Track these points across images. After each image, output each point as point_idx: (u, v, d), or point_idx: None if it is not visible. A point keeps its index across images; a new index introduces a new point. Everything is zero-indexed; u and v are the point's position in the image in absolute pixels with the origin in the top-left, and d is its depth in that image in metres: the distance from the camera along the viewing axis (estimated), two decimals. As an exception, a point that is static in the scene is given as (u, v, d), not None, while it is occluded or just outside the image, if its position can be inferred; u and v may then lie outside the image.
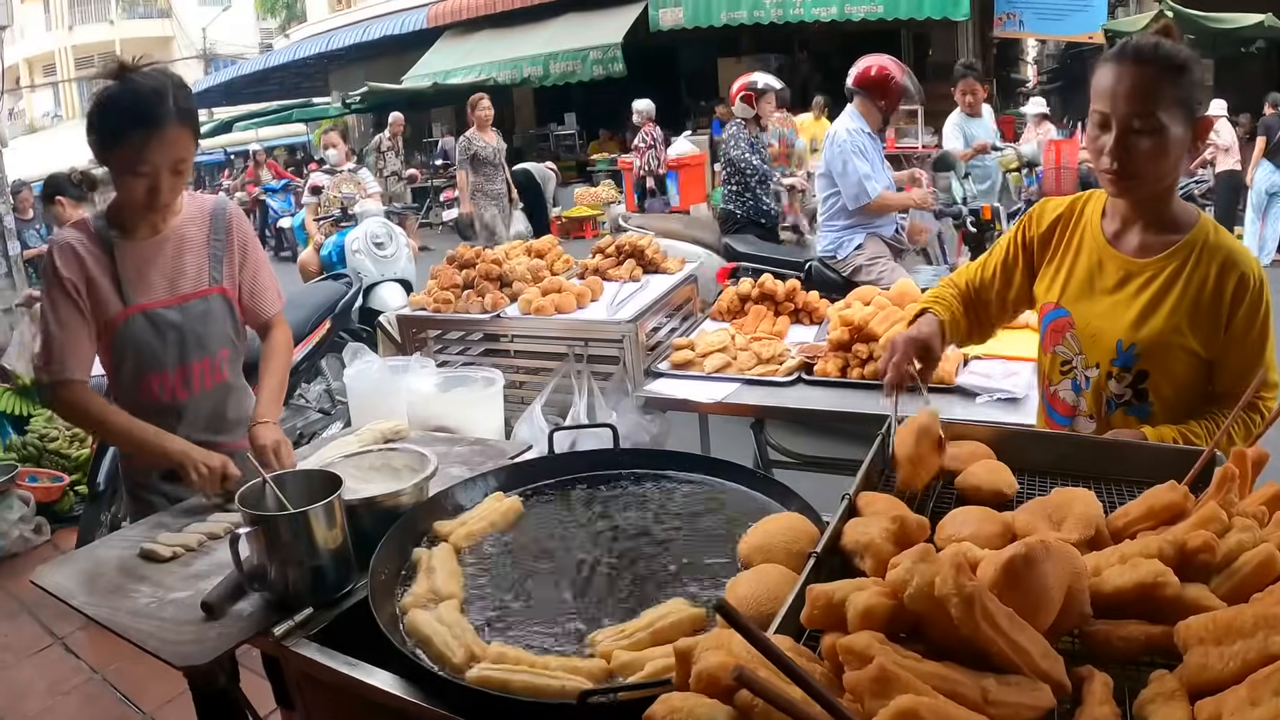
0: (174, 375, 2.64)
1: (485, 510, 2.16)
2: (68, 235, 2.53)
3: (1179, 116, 1.97)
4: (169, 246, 2.63)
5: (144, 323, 2.57)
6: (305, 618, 1.91)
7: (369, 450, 2.48)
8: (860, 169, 5.52)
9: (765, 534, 1.79)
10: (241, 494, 2.00)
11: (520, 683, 1.50)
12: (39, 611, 4.94)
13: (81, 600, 2.06)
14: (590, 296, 4.39)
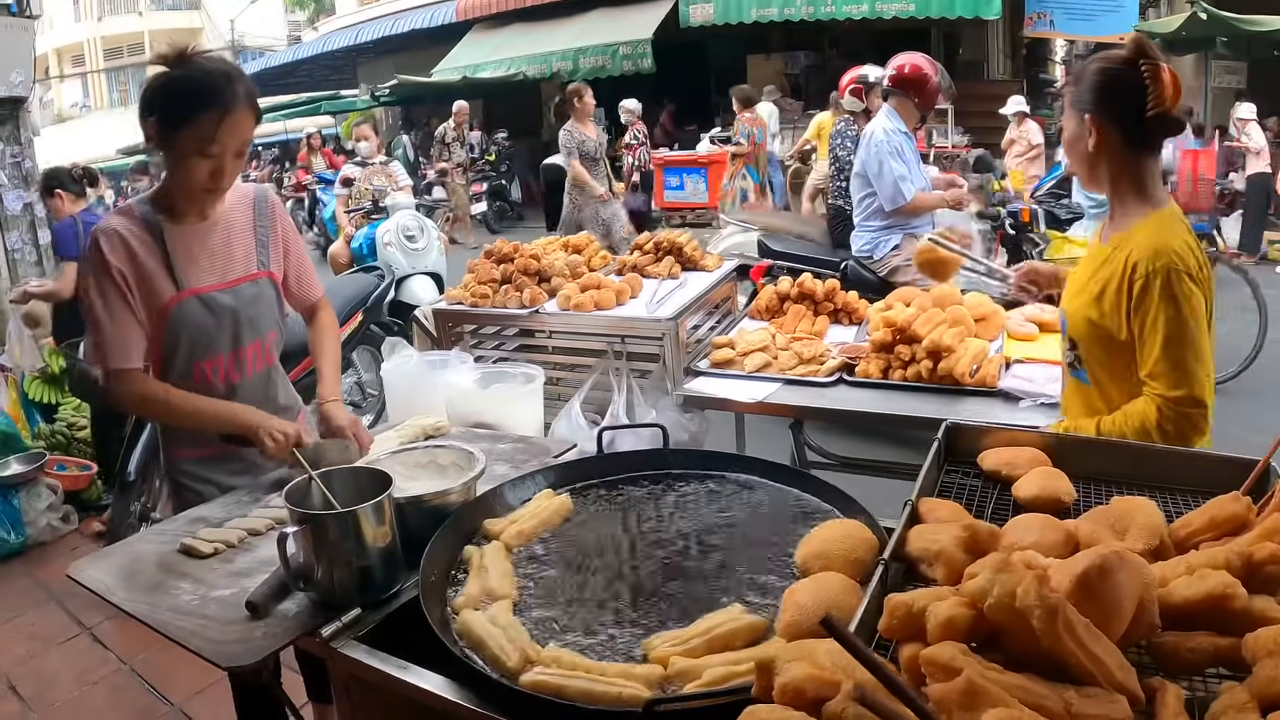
0: (227, 358, 2.61)
1: (536, 509, 2.11)
2: (113, 223, 2.47)
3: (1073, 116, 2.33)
4: (218, 231, 2.60)
5: (198, 306, 2.53)
6: (353, 619, 1.85)
7: (414, 447, 2.42)
8: (896, 170, 5.43)
9: (823, 541, 1.76)
10: (287, 491, 1.94)
11: (576, 689, 1.46)
12: (67, 601, 4.90)
13: (121, 597, 2.00)
14: (630, 293, 4.32)
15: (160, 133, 2.39)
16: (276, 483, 2.59)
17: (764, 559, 1.88)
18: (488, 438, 2.85)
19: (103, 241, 2.43)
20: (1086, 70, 2.31)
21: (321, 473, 2.04)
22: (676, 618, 1.71)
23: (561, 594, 1.83)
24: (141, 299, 2.47)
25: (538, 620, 1.74)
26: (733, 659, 1.51)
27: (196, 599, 1.97)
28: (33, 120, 8.01)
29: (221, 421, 2.51)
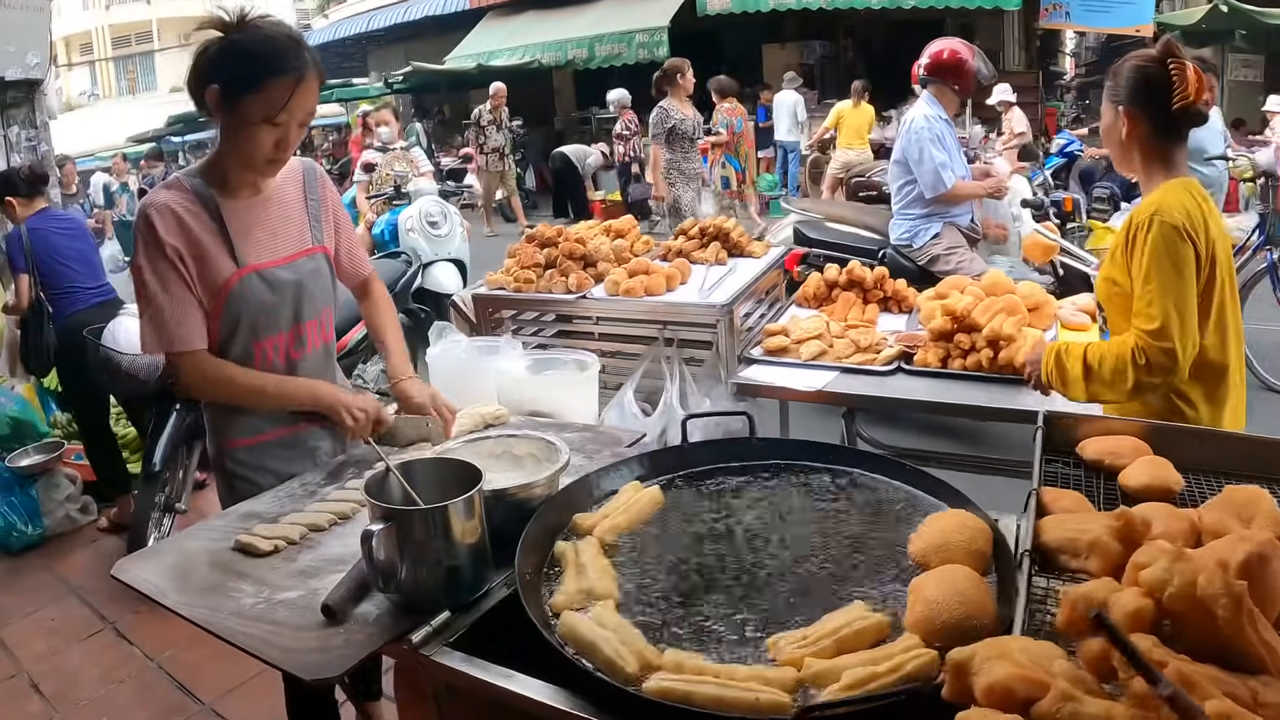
0: (288, 335, 2.49)
1: (627, 501, 1.98)
2: (164, 198, 2.30)
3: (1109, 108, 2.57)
4: (272, 206, 2.47)
5: (259, 283, 2.40)
6: (443, 622, 1.69)
7: (485, 436, 2.26)
8: (937, 157, 5.31)
9: (941, 533, 1.70)
10: (367, 484, 1.77)
11: (705, 695, 1.36)
12: (88, 594, 4.76)
13: (175, 599, 1.83)
14: (680, 279, 4.16)
15: (223, 101, 2.22)
16: (334, 471, 2.44)
17: (873, 552, 1.79)
18: (553, 426, 2.68)
19: (155, 217, 2.26)
20: (1122, 67, 2.51)
21: (401, 464, 1.86)
22: (791, 616, 1.60)
23: (663, 593, 1.71)
24: (198, 277, 2.32)
25: (641, 622, 1.61)
26: (868, 659, 1.41)
27: (261, 602, 1.80)
28: (49, 104, 7.81)
29: (295, 398, 2.43)
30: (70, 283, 5.19)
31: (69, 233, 5.28)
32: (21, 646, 4.33)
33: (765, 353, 3.76)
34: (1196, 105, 2.40)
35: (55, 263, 5.15)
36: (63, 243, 5.19)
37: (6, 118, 7.36)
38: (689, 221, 4.85)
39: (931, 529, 1.73)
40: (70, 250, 5.21)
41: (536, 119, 20.52)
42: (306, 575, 1.89)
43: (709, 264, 4.40)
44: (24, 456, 5.62)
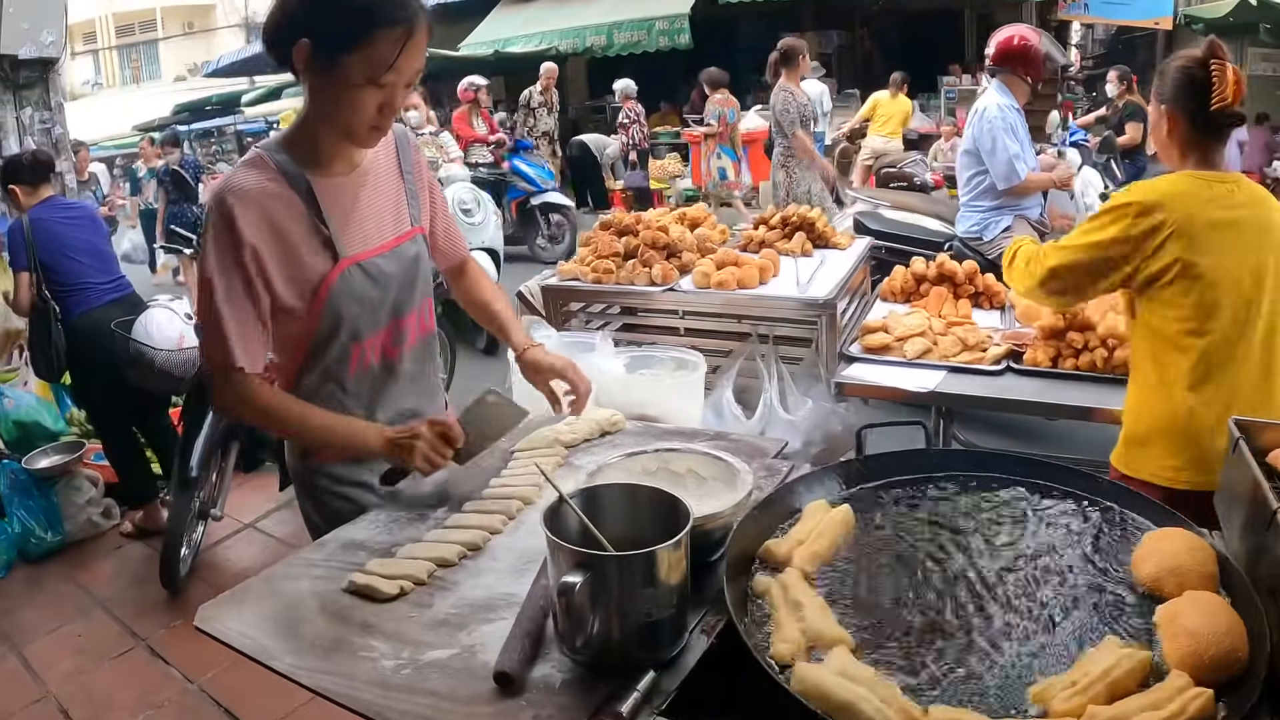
0: (385, 333, 2.13)
1: (821, 525, 1.68)
2: (243, 181, 1.91)
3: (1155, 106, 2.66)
4: (368, 183, 2.09)
5: (361, 277, 2.03)
6: (648, 685, 1.34)
7: (640, 451, 1.89)
8: (1011, 148, 5.13)
9: (1171, 555, 1.51)
10: (547, 519, 1.41)
11: None
12: (116, 608, 4.42)
13: (290, 663, 1.46)
14: (772, 271, 3.83)
15: (315, 58, 1.83)
16: (440, 490, 2.09)
17: (1091, 577, 1.57)
18: (681, 434, 2.34)
19: (235, 208, 1.87)
20: (1168, 67, 2.59)
21: (577, 494, 1.51)
22: (1036, 657, 1.38)
23: (887, 631, 1.45)
24: (286, 276, 1.96)
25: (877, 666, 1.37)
26: (1149, 703, 1.22)
27: (405, 665, 1.43)
28: (63, 84, 7.44)
29: (345, 443, 2.07)
30: (79, 278, 4.77)
31: (76, 222, 4.86)
32: (47, 666, 3.98)
33: (864, 350, 3.54)
34: (1234, 106, 2.48)
35: (61, 256, 4.73)
36: (69, 234, 4.78)
37: (20, 98, 7.00)
38: (769, 210, 4.53)
39: (1158, 550, 1.54)
40: (78, 242, 4.80)
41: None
42: (451, 627, 1.53)
43: (794, 255, 4.08)
44: (42, 457, 5.26)
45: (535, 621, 1.46)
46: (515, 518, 1.92)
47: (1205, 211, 2.43)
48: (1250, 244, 2.43)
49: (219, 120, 24.87)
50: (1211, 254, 2.41)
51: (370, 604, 1.61)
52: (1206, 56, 2.47)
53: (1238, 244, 2.43)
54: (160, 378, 4.22)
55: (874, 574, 1.61)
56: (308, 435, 2.08)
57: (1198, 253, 2.40)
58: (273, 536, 5.03)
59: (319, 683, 1.40)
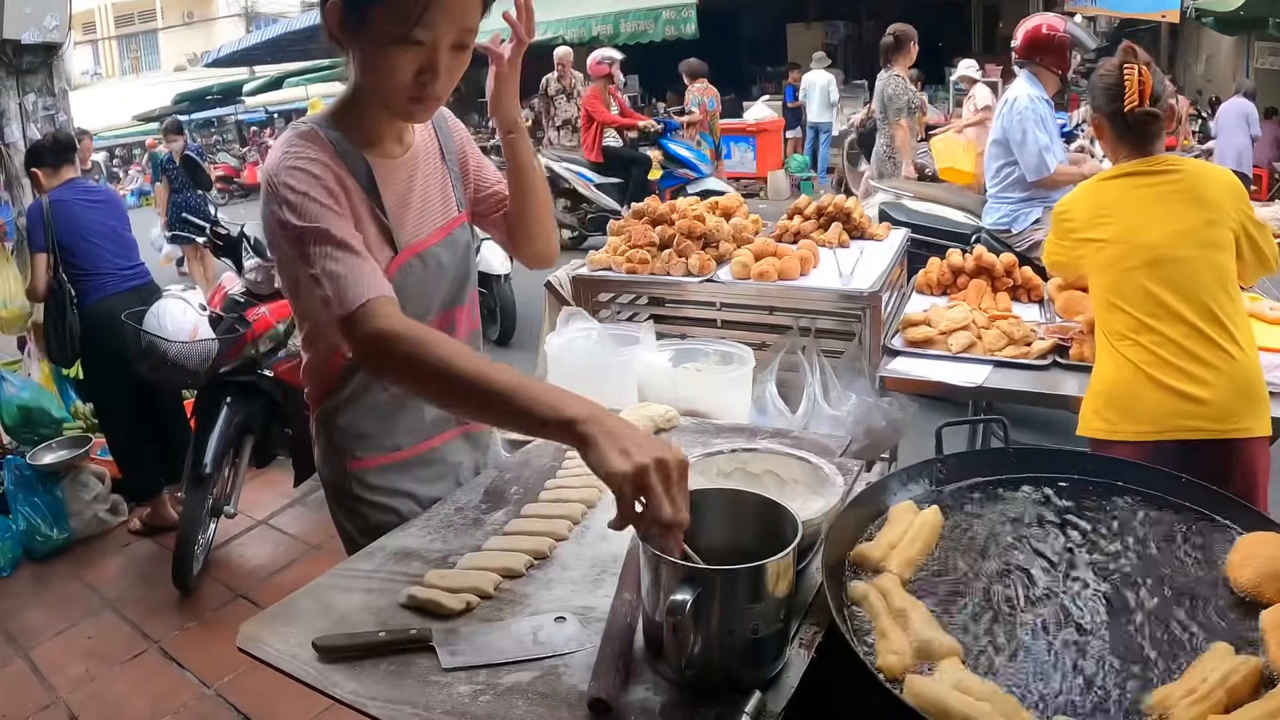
0: (435, 326, 1.89)
1: (912, 529, 1.58)
2: (298, 159, 1.67)
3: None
4: (420, 164, 1.91)
5: (420, 268, 1.86)
6: (756, 708, 1.21)
7: (716, 451, 1.75)
8: (1041, 139, 5.06)
9: (1270, 560, 1.44)
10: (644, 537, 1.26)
11: None
12: (126, 609, 4.29)
13: (353, 690, 1.31)
14: (812, 262, 3.69)
15: (348, 17, 1.63)
16: (494, 492, 1.94)
17: (1188, 580, 1.50)
18: (741, 432, 2.21)
19: (309, 167, 1.66)
20: (1094, 79, 2.88)
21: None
22: (1146, 665, 1.31)
23: (989, 640, 1.36)
24: None
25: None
26: (1266, 712, 1.18)
27: (482, 689, 1.29)
28: (67, 70, 7.27)
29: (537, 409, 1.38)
30: (98, 263, 4.64)
31: (98, 206, 4.71)
32: (56, 670, 3.83)
33: (906, 344, 3.43)
34: (1143, 106, 2.72)
35: (81, 239, 4.59)
36: (90, 216, 4.64)
37: (22, 85, 6.82)
38: (803, 200, 4.38)
39: (1257, 555, 1.47)
40: (99, 226, 4.66)
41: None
42: (529, 644, 1.39)
43: (832, 246, 3.95)
44: (47, 452, 5.11)
45: (624, 641, 1.32)
46: (580, 522, 1.78)
47: (1116, 194, 2.81)
48: (1175, 213, 2.69)
49: (220, 110, 24.73)
50: (1115, 223, 2.76)
51: (432, 620, 1.47)
52: (1120, 61, 2.77)
53: (1161, 214, 2.70)
54: (173, 371, 4.07)
55: (968, 580, 1.51)
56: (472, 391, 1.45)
57: (1102, 229, 2.78)
58: (286, 533, 4.90)
59: (390, 714, 1.25)
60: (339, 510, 2.04)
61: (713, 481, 1.66)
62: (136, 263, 4.84)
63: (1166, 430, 2.62)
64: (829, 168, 15.64)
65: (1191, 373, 2.62)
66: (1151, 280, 2.68)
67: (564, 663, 1.34)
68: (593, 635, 1.38)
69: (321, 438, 2.00)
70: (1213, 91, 16.46)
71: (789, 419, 3.23)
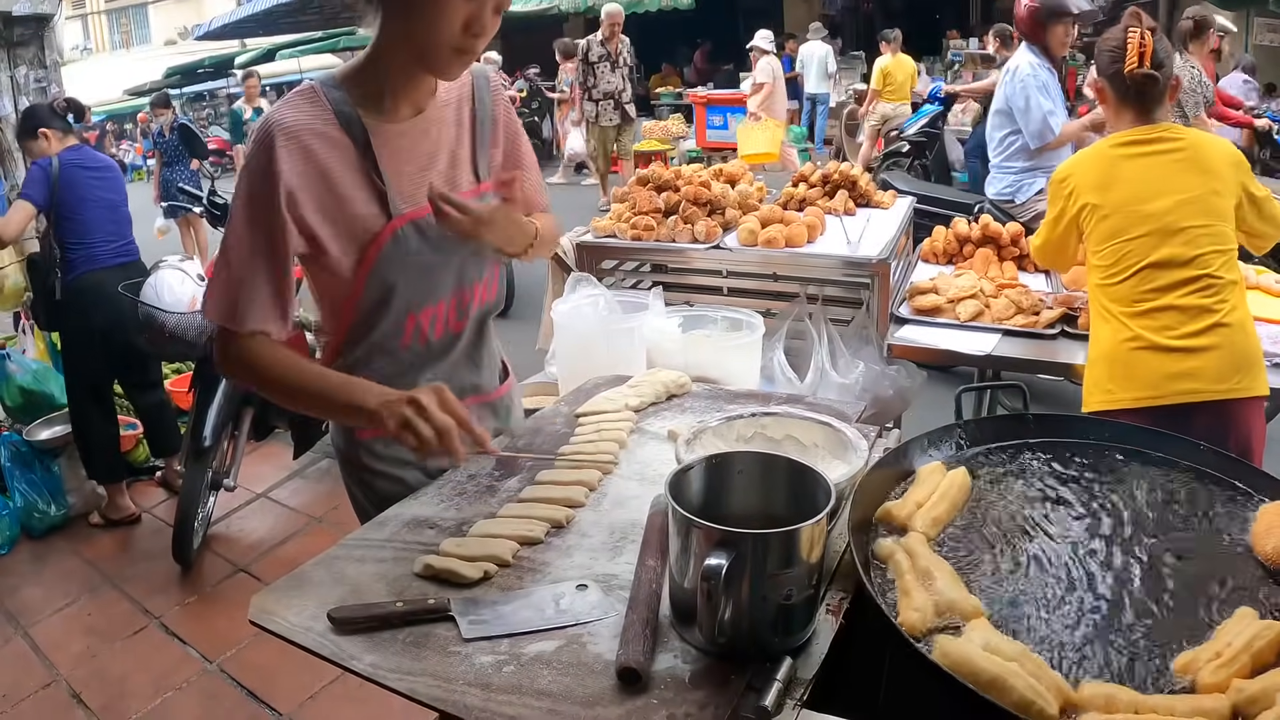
0: (450, 304, 1.89)
1: (936, 486, 1.56)
2: (294, 115, 1.67)
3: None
4: (433, 130, 1.84)
5: (417, 237, 1.79)
6: (788, 674, 1.18)
7: (736, 415, 1.71)
8: (1044, 105, 5.01)
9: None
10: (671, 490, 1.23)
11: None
12: (125, 584, 4.24)
13: (371, 662, 1.26)
14: (820, 229, 3.64)
15: None
16: (503, 460, 1.88)
17: (1214, 547, 1.48)
18: (755, 397, 2.17)
19: (279, 144, 1.64)
20: (1099, 45, 2.90)
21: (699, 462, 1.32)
22: (1173, 628, 1.29)
23: (1017, 601, 1.35)
24: (332, 231, 1.73)
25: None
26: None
27: (506, 659, 1.25)
28: (58, 41, 7.19)
29: (333, 404, 1.71)
30: (91, 234, 4.51)
31: (99, 174, 4.60)
32: (56, 648, 3.79)
33: (914, 312, 3.43)
34: (1143, 68, 2.75)
35: (80, 207, 4.46)
36: (92, 182, 4.52)
37: (13, 57, 6.75)
38: (808, 167, 4.34)
39: (1278, 523, 1.46)
40: (99, 196, 4.56)
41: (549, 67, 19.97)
42: (550, 614, 1.35)
43: (837, 214, 3.90)
44: (44, 428, 5.06)
45: (650, 608, 1.28)
46: (596, 489, 1.74)
47: (1118, 162, 2.79)
48: (1181, 182, 2.69)
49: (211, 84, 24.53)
50: (1117, 191, 2.75)
51: (450, 589, 1.42)
52: (1125, 26, 2.81)
53: (1166, 183, 2.70)
54: (172, 342, 4.01)
55: (996, 541, 1.49)
56: (302, 400, 1.77)
57: (1104, 195, 2.77)
58: (287, 506, 4.86)
59: (411, 687, 1.21)
60: (350, 479, 2.00)
61: (732, 446, 1.62)
62: (128, 239, 4.74)
63: (1165, 395, 2.62)
64: (826, 139, 15.56)
65: (1190, 338, 2.63)
66: (1154, 249, 2.67)
67: (588, 631, 1.30)
68: (616, 603, 1.35)
69: None
70: (1212, 68, 16.40)
71: (797, 387, 3.19)
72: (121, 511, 4.79)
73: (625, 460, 1.85)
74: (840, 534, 1.48)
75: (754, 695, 1.15)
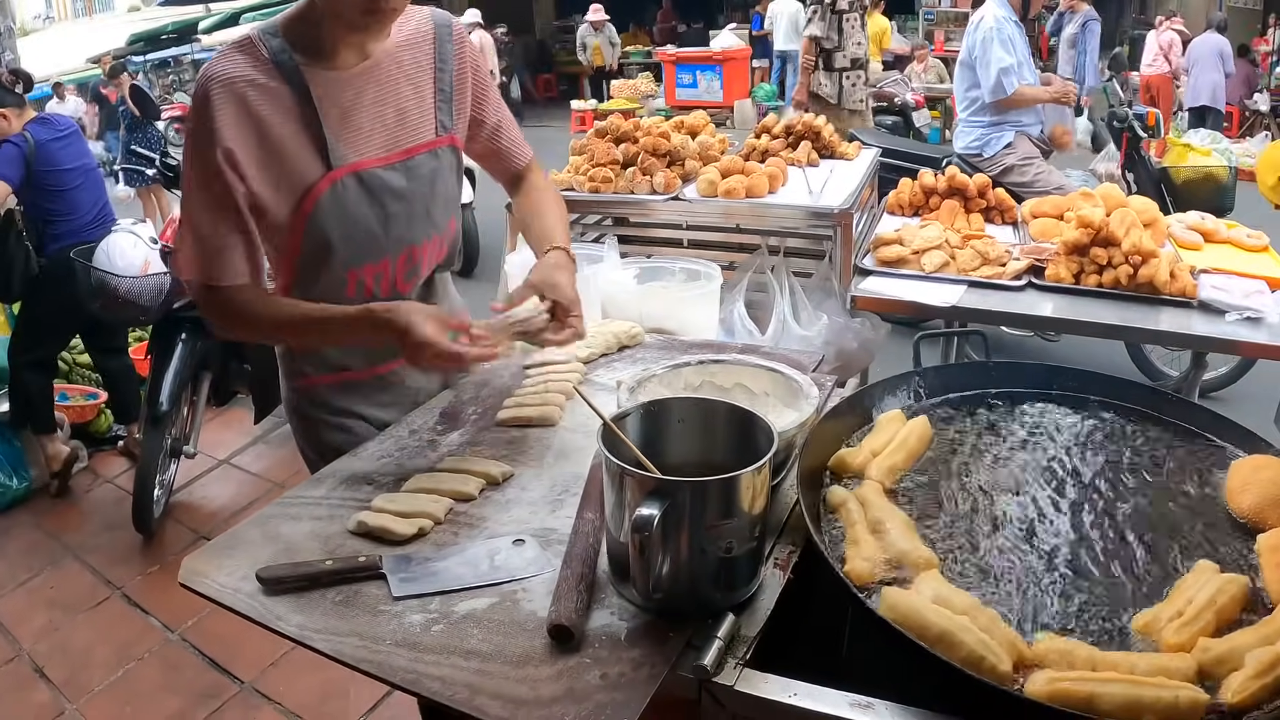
0: (397, 262, 1.82)
1: (894, 434, 1.54)
2: (228, 67, 1.62)
3: None
4: (383, 79, 1.75)
5: (357, 190, 1.72)
6: (729, 632, 1.14)
7: (684, 363, 1.66)
8: (1003, 60, 5.02)
9: (1273, 484, 1.38)
10: (605, 442, 1.17)
11: (1116, 698, 1.03)
12: (88, 555, 4.17)
13: (299, 623, 1.22)
14: (781, 180, 3.58)
15: None
16: (451, 412, 1.85)
17: (1178, 500, 1.45)
18: (710, 347, 2.12)
19: (215, 102, 1.59)
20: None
21: (619, 415, 1.27)
22: (1133, 583, 1.26)
23: (973, 553, 1.31)
24: (271, 183, 1.67)
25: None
26: (1261, 636, 1.12)
27: (436, 619, 1.20)
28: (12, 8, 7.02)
29: (348, 331, 1.70)
30: (77, 205, 4.37)
31: (70, 142, 4.43)
32: (18, 622, 3.72)
33: (878, 263, 3.36)
34: None
35: (63, 177, 4.32)
36: (66, 152, 4.36)
37: (-38, 23, 6.60)
38: (771, 118, 4.27)
39: (1257, 480, 1.41)
40: (77, 165, 4.38)
41: (517, 28, 19.75)
42: (484, 570, 1.30)
43: (801, 165, 3.84)
44: (4, 401, 4.95)
45: (587, 563, 1.24)
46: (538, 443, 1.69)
47: None
48: None
49: (175, 50, 24.12)
50: None
51: (384, 546, 1.37)
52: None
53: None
54: (125, 307, 3.92)
55: (954, 492, 1.45)
56: (305, 337, 1.80)
57: None
58: (249, 472, 4.79)
59: (336, 648, 1.16)
60: (298, 431, 2.00)
61: (678, 394, 1.57)
62: (105, 200, 4.59)
63: None
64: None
65: None
66: None
67: (522, 588, 1.26)
68: (553, 558, 1.31)
69: (281, 357, 1.97)
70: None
71: (758, 339, 3.16)
72: (61, 457, 4.71)
73: (571, 412, 1.80)
74: (792, 485, 1.44)
75: (693, 653, 1.11)
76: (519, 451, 1.65)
